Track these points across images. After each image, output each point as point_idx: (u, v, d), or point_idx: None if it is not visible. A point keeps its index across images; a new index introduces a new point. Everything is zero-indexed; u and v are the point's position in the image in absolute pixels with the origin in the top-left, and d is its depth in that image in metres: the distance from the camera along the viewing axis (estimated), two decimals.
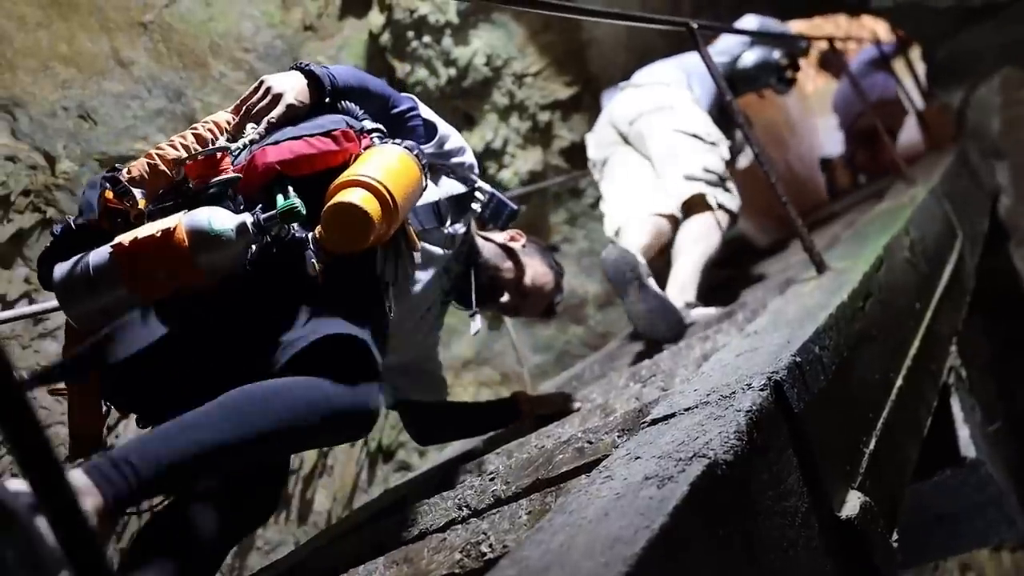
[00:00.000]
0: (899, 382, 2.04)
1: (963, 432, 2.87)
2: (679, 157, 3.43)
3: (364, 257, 1.78)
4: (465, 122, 5.02)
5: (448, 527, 1.60)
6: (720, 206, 3.34)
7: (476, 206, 2.27)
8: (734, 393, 1.38)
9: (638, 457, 1.26)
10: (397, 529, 1.81)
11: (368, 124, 1.89)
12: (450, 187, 2.18)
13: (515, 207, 2.34)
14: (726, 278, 4.04)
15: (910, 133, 6.77)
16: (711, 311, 3.05)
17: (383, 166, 1.69)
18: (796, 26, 6.53)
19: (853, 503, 1.45)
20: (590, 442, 1.70)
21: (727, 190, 3.39)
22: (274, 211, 1.61)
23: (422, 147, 1.97)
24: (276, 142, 1.75)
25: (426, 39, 4.70)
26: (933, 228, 3.27)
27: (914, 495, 2.78)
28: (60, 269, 1.63)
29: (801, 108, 9.02)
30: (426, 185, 1.85)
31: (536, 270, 2.48)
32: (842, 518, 1.40)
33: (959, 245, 3.51)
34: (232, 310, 1.63)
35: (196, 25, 4.37)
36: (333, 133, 1.78)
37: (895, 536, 1.57)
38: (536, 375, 5.13)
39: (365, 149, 1.80)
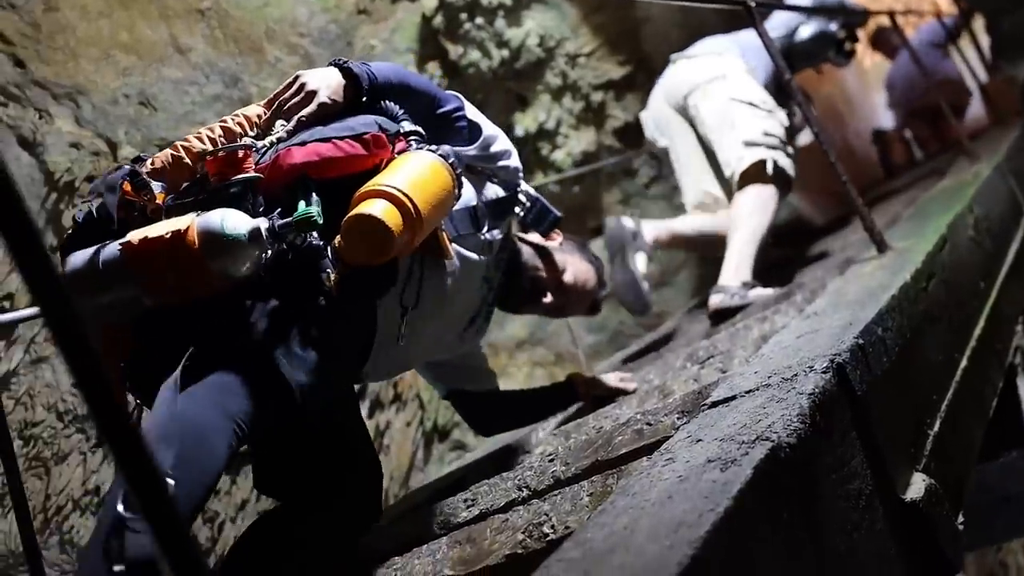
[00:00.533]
0: (964, 363, 2.01)
1: None
2: (736, 124, 3.39)
3: (384, 270, 1.75)
4: (518, 103, 5.01)
5: (509, 508, 1.61)
6: (779, 173, 3.29)
7: (518, 209, 2.20)
8: (796, 376, 1.37)
9: (700, 440, 1.26)
10: (458, 510, 1.83)
11: (406, 126, 1.81)
12: (491, 191, 2.11)
13: (558, 214, 2.26)
14: (783, 257, 3.99)
15: (973, 107, 6.63)
16: (768, 292, 3.02)
17: (411, 175, 1.63)
18: None
19: (918, 486, 1.43)
20: (649, 424, 1.70)
21: (788, 155, 3.34)
22: (290, 218, 1.57)
23: (465, 150, 1.96)
24: (303, 142, 1.70)
25: (479, 21, 4.70)
26: (998, 205, 3.20)
27: (980, 476, 2.75)
28: (73, 260, 1.61)
29: (859, 83, 8.87)
30: (459, 194, 1.79)
31: (577, 267, 2.39)
32: (907, 501, 1.39)
33: None
34: (245, 314, 1.61)
35: (252, 11, 4.42)
36: (364, 137, 1.71)
37: (960, 518, 1.55)
38: (590, 355, 5.14)
39: (398, 154, 1.74)
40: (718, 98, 3.48)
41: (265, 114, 1.83)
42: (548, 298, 2.34)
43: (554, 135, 5.05)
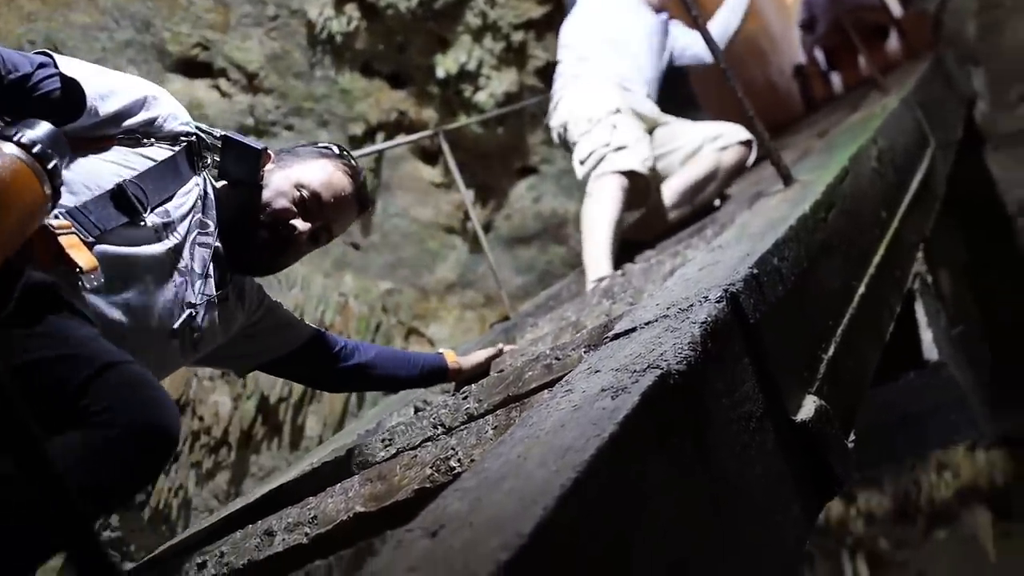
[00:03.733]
0: (861, 289, 2.07)
1: (927, 336, 2.93)
2: (573, 155, 3.65)
3: None
4: (439, 45, 4.98)
5: (421, 445, 1.64)
6: (614, 171, 3.41)
7: (208, 159, 1.76)
8: (692, 306, 1.41)
9: (598, 371, 1.29)
10: (376, 450, 1.86)
11: None
12: (146, 157, 1.62)
13: (259, 146, 1.79)
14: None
15: (889, 42, 6.71)
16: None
17: None
18: None
19: (808, 407, 1.49)
20: (558, 358, 1.74)
21: (620, 148, 3.45)
22: None
23: (74, 125, 1.54)
24: None
25: None
26: (903, 137, 3.28)
27: (881, 397, 2.86)
28: None
29: (781, 19, 8.93)
30: (52, 203, 1.35)
31: (308, 173, 1.83)
32: (796, 421, 1.45)
33: (930, 153, 3.53)
34: None
35: None
36: None
37: (852, 437, 1.62)
38: (519, 296, 5.18)
39: None
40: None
41: None
42: (300, 225, 1.80)
43: (476, 76, 5.03)
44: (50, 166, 1.30)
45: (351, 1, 4.69)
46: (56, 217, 1.42)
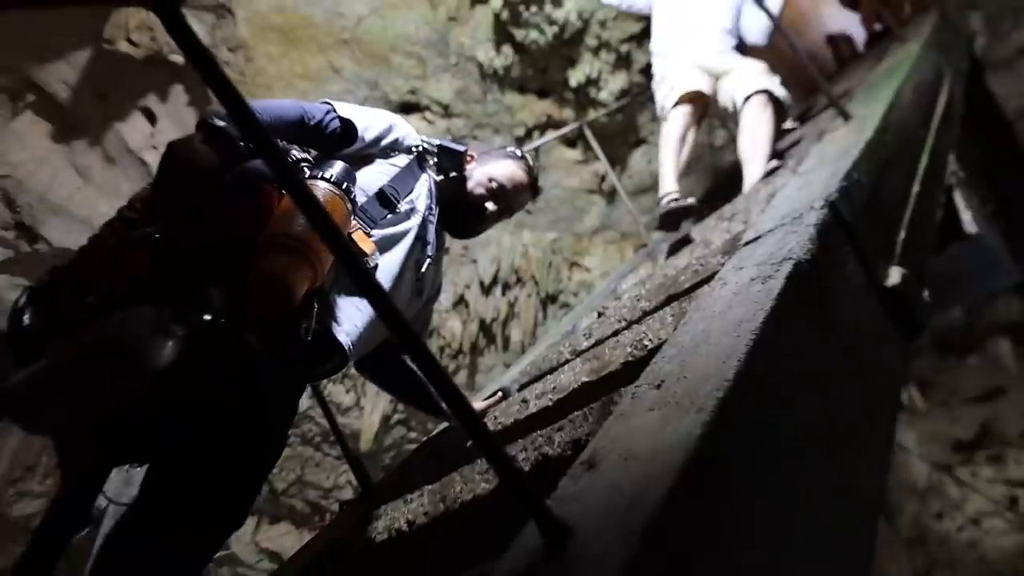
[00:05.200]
0: (916, 188, 1.93)
1: (965, 216, 2.70)
2: None
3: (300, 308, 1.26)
4: (569, 63, 4.87)
5: (616, 334, 1.65)
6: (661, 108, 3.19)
7: (431, 161, 1.74)
8: (802, 215, 1.36)
9: (742, 267, 1.26)
10: (581, 341, 1.87)
11: (293, 154, 1.38)
12: (394, 164, 1.64)
13: (462, 148, 1.77)
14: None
15: None
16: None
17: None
18: None
19: (895, 275, 1.41)
20: (702, 265, 1.70)
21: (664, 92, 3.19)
22: (200, 315, 1.16)
23: (351, 149, 1.58)
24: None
25: (533, 9, 4.55)
26: (928, 72, 2.99)
27: (935, 264, 2.67)
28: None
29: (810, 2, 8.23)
30: (352, 207, 1.37)
31: (499, 169, 1.82)
32: (889, 286, 1.38)
33: (948, 81, 3.20)
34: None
35: (377, 33, 4.38)
36: (255, 189, 1.25)
37: (926, 293, 1.52)
38: (647, 229, 5.08)
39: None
40: None
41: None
42: (491, 206, 1.79)
43: (598, 81, 4.90)
44: (350, 193, 1.36)
45: (506, 43, 4.65)
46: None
